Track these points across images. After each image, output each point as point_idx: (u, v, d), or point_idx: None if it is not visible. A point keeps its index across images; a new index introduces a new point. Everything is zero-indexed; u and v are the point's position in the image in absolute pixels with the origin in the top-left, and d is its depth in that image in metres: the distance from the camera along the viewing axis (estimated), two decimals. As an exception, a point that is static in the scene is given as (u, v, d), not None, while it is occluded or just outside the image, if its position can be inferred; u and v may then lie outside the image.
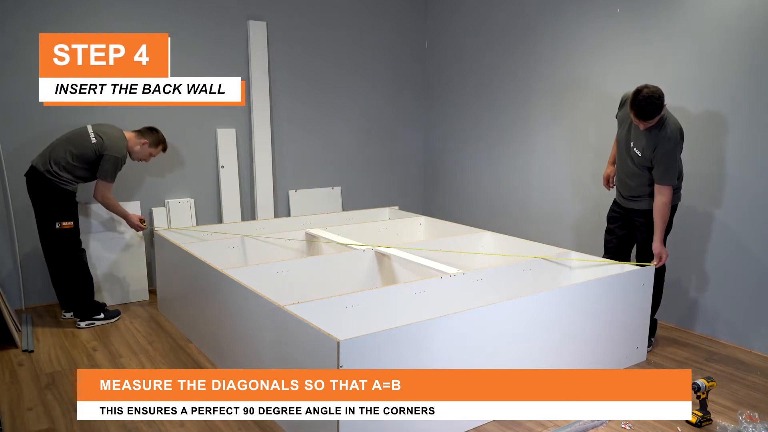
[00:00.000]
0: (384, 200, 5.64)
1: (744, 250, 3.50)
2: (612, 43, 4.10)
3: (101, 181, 3.68)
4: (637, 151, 3.25)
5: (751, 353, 3.47)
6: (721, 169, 3.56)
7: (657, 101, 3.00)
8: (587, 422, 2.61)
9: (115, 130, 3.77)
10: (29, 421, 2.67)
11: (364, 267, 3.62)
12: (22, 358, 3.35)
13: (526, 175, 4.88)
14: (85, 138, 3.65)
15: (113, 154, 3.63)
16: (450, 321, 2.48)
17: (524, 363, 2.76)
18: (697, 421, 2.63)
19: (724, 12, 3.47)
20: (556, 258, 3.56)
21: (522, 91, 4.83)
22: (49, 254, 3.73)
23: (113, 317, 3.92)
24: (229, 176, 4.81)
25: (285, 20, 4.92)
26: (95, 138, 3.64)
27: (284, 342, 2.54)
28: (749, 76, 3.40)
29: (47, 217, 3.63)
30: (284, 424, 2.59)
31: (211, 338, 3.32)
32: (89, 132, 3.67)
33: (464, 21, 5.28)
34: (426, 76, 5.78)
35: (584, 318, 2.98)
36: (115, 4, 4.22)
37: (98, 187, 3.71)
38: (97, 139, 3.64)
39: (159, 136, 3.92)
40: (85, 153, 3.61)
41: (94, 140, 3.64)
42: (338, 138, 5.36)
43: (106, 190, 3.71)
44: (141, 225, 3.98)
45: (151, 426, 2.61)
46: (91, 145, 3.62)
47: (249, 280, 3.00)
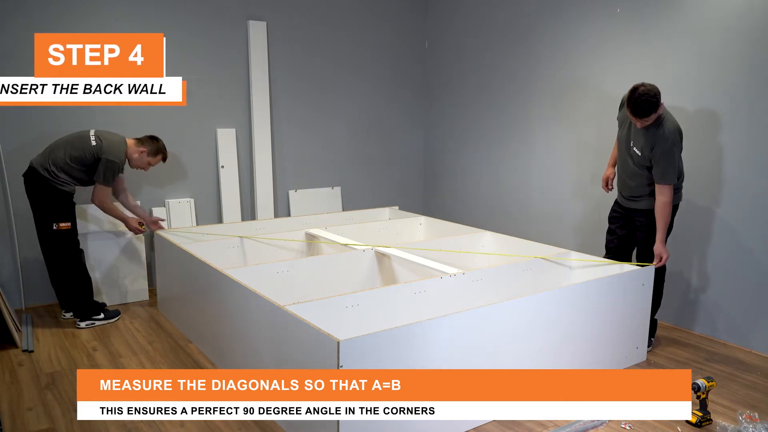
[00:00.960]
0: (384, 200, 5.64)
1: (744, 250, 3.50)
2: (612, 43, 4.10)
3: (98, 185, 3.68)
4: (636, 150, 3.25)
5: (751, 353, 3.47)
6: (721, 169, 3.56)
7: (652, 99, 3.01)
8: (587, 422, 2.61)
9: (116, 136, 3.77)
10: (29, 421, 2.67)
11: (364, 267, 3.62)
12: (22, 358, 3.35)
13: (526, 175, 4.88)
14: (85, 140, 3.65)
15: (111, 158, 3.63)
16: (450, 321, 2.48)
17: (524, 363, 2.76)
18: (697, 421, 2.63)
19: (724, 12, 3.47)
20: (556, 258, 3.56)
21: (522, 91, 4.83)
22: (47, 255, 3.72)
23: (113, 317, 3.92)
24: (229, 176, 4.81)
25: (285, 20, 4.92)
26: (95, 141, 3.65)
27: (284, 342, 2.54)
28: (749, 76, 3.40)
29: (45, 218, 3.63)
30: (284, 424, 2.59)
31: (211, 338, 3.32)
32: (90, 135, 3.68)
33: (464, 21, 5.28)
34: (426, 76, 5.78)
35: (584, 318, 2.98)
36: (115, 4, 4.22)
37: (95, 191, 3.72)
38: (96, 142, 3.64)
39: (159, 146, 3.89)
40: (84, 155, 3.61)
41: (93, 143, 3.64)
42: (338, 138, 5.36)
43: (103, 194, 3.71)
44: (140, 228, 3.98)
45: (151, 426, 2.61)
46: (90, 147, 3.63)
47: (249, 280, 3.00)
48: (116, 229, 4.24)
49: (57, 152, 3.62)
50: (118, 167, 3.69)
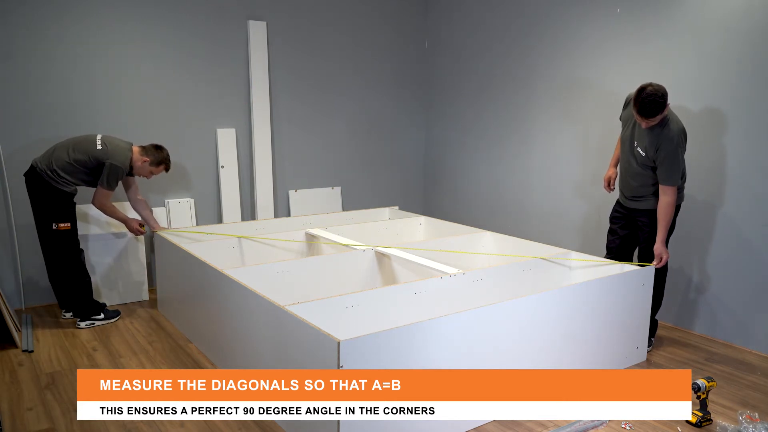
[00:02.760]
0: (384, 200, 5.64)
1: (744, 251, 3.50)
2: (612, 43, 4.10)
3: (101, 188, 3.68)
4: (640, 150, 3.25)
5: (751, 353, 3.47)
6: (721, 169, 3.56)
7: (660, 99, 3.01)
8: (587, 422, 2.61)
9: (123, 142, 3.77)
10: (29, 421, 2.67)
11: (364, 267, 3.62)
12: (22, 358, 3.35)
13: (526, 175, 4.88)
14: (91, 144, 3.66)
15: (115, 163, 3.63)
16: (450, 321, 2.47)
17: (524, 363, 2.76)
18: (697, 421, 2.63)
19: (724, 11, 3.47)
20: (555, 258, 3.56)
21: (522, 91, 4.83)
22: (47, 255, 3.72)
23: (113, 317, 3.92)
24: (229, 176, 4.81)
25: (285, 20, 4.92)
26: (101, 145, 3.65)
27: (284, 342, 2.54)
28: (749, 76, 3.40)
29: (45, 218, 3.63)
30: (284, 424, 2.59)
31: (211, 338, 3.32)
32: (96, 139, 3.69)
33: (464, 21, 5.28)
34: (426, 76, 5.78)
35: (584, 318, 2.98)
36: (116, 4, 4.21)
37: (97, 194, 3.71)
38: (102, 147, 3.65)
39: (162, 156, 3.87)
40: (87, 159, 3.62)
41: (99, 147, 3.65)
42: (338, 138, 5.36)
43: (104, 197, 3.71)
44: (141, 230, 3.98)
45: (151, 426, 2.61)
46: (96, 151, 3.63)
47: (249, 280, 3.00)
48: (116, 229, 4.24)
49: (60, 152, 3.62)
50: (122, 172, 3.69)
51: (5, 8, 3.87)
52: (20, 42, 3.92)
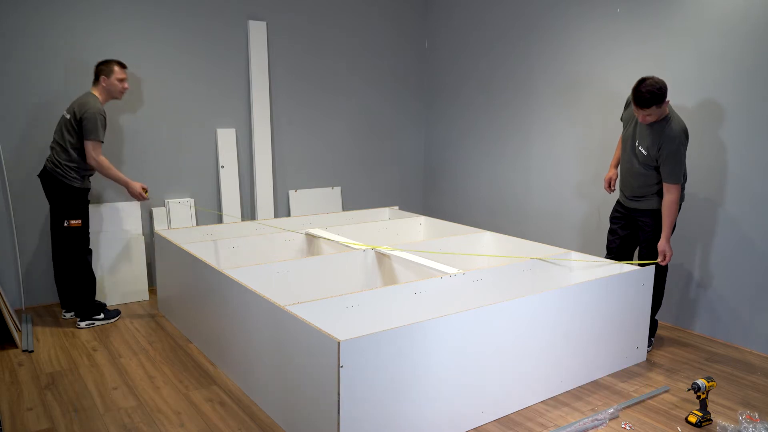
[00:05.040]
0: (384, 200, 5.64)
1: (745, 251, 3.50)
2: (612, 43, 4.10)
3: (88, 141, 3.60)
4: (642, 149, 3.25)
5: (751, 353, 3.47)
6: (721, 168, 3.56)
7: (657, 91, 3.01)
8: (587, 422, 2.61)
9: (84, 94, 3.72)
10: (29, 421, 2.67)
11: (364, 267, 3.62)
12: (22, 358, 3.35)
13: (526, 174, 4.88)
14: (61, 120, 3.69)
15: (89, 111, 3.58)
16: (450, 321, 2.47)
17: (524, 363, 2.76)
18: (697, 421, 2.63)
19: (723, 11, 3.47)
20: (555, 258, 3.56)
21: (522, 91, 4.83)
22: (56, 252, 3.74)
23: (113, 317, 3.92)
24: (229, 176, 4.81)
25: (285, 20, 4.92)
26: (68, 114, 3.66)
27: (284, 342, 2.54)
28: (749, 75, 3.40)
29: (57, 214, 3.68)
30: (284, 423, 2.58)
31: (211, 338, 3.32)
32: (64, 114, 3.70)
33: (464, 21, 5.28)
34: (426, 76, 5.78)
35: (584, 318, 2.98)
36: (116, 3, 4.21)
37: (87, 150, 3.63)
38: (69, 113, 3.65)
39: (109, 62, 3.74)
40: (68, 131, 3.62)
41: (68, 116, 3.65)
42: (338, 138, 5.36)
43: (95, 151, 3.63)
44: (143, 195, 3.86)
45: (151, 426, 2.61)
46: (67, 121, 3.64)
47: (249, 280, 3.00)
48: (117, 228, 4.24)
49: (53, 145, 3.68)
50: (100, 116, 3.61)
51: (5, 8, 3.87)
52: (20, 42, 3.92)
